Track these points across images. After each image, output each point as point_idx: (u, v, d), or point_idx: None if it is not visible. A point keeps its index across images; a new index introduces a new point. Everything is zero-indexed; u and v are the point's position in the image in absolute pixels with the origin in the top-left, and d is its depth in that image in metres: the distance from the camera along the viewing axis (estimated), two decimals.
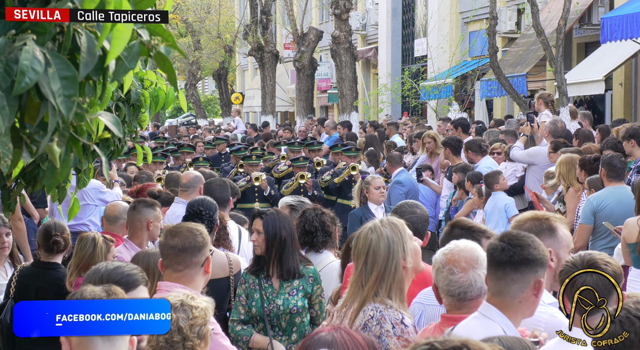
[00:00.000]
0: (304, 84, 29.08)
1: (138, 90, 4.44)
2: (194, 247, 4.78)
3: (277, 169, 14.88)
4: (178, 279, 4.76)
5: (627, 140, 9.90)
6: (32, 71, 2.46)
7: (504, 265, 3.83)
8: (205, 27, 38.31)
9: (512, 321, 3.85)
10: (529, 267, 3.81)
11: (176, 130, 33.12)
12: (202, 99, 49.71)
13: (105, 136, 3.11)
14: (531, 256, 3.81)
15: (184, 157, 16.51)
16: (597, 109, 22.70)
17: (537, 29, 18.30)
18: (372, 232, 4.47)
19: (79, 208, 4.09)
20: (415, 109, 30.68)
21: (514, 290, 3.83)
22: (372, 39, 37.06)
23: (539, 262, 3.82)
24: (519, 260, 3.80)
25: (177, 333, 3.83)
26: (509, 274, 3.82)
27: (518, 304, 3.84)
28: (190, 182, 8.87)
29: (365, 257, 4.44)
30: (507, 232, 4.03)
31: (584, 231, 8.74)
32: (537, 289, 3.83)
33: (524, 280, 3.82)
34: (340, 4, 25.48)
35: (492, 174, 10.95)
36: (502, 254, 3.83)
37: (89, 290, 3.23)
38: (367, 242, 4.46)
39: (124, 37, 2.62)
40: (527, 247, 3.82)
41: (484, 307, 3.93)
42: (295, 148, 16.16)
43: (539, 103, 14.05)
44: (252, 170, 13.72)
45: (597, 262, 3.82)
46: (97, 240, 6.04)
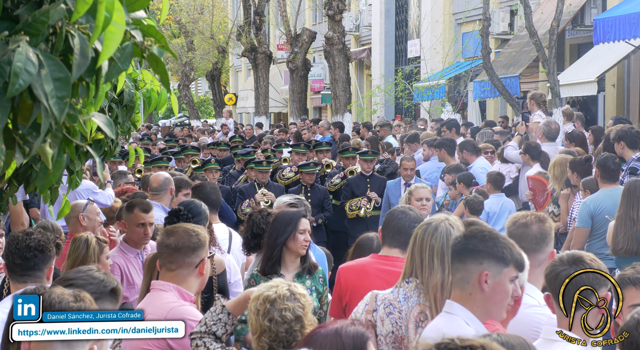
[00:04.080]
0: (297, 85, 29.08)
1: (131, 90, 4.44)
2: (187, 248, 4.79)
3: (283, 175, 13.64)
4: (171, 279, 4.80)
5: (617, 142, 9.92)
6: (26, 73, 2.46)
7: (454, 254, 3.89)
8: (199, 28, 38.27)
9: (474, 314, 3.82)
10: (471, 257, 3.79)
11: (169, 131, 33.07)
12: (196, 100, 49.67)
13: (98, 137, 3.11)
14: (473, 246, 3.79)
15: (188, 160, 15.31)
16: (590, 110, 22.75)
17: (530, 30, 18.33)
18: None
19: (69, 209, 4.09)
20: (408, 110, 30.70)
21: (459, 279, 3.85)
22: (366, 40, 37.08)
23: (484, 254, 3.78)
24: (461, 249, 3.83)
25: (297, 322, 3.87)
26: (454, 263, 3.87)
27: (469, 296, 3.83)
28: (161, 185, 8.85)
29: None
30: (472, 226, 4.05)
31: (581, 235, 8.73)
32: (481, 282, 3.79)
33: (466, 269, 3.81)
34: (333, 5, 25.49)
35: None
36: (455, 243, 3.89)
37: (57, 292, 3.23)
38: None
39: (116, 38, 2.63)
40: (472, 238, 3.82)
41: (447, 304, 3.94)
42: (301, 150, 14.68)
43: (531, 104, 14.08)
44: (262, 177, 12.43)
45: (583, 257, 3.83)
46: (90, 241, 6.05)
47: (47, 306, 3.34)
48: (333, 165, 14.06)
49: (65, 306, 3.35)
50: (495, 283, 3.79)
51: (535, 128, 13.09)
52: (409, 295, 4.48)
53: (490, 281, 3.79)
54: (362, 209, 12.33)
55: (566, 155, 10.01)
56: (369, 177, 12.71)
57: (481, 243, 3.79)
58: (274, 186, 12.59)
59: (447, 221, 4.50)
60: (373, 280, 5.13)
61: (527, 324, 4.28)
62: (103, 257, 6.12)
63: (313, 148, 14.85)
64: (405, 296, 4.49)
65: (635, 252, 7.79)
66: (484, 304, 3.82)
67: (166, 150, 16.47)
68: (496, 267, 3.79)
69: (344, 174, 13.10)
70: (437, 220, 4.51)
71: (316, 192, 12.54)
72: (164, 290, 4.73)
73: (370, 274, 5.26)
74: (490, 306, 3.83)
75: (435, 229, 4.46)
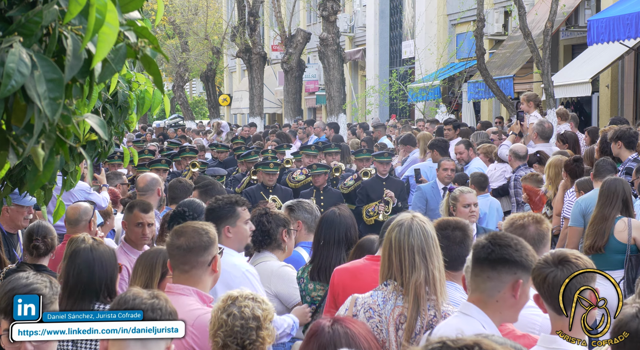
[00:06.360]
0: (292, 85, 29.08)
1: (125, 92, 4.44)
2: (199, 247, 4.73)
3: (293, 178, 13.08)
4: (186, 280, 4.73)
5: (614, 142, 9.92)
6: (19, 74, 2.45)
7: (482, 262, 3.88)
8: (193, 29, 38.22)
9: (492, 319, 3.87)
10: (506, 266, 3.84)
11: (164, 132, 33.02)
12: (190, 101, 49.60)
13: (92, 138, 3.10)
14: (509, 256, 3.85)
15: (186, 162, 14.79)
16: (584, 111, 22.78)
17: (524, 31, 18.35)
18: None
19: (64, 210, 4.08)
20: (403, 110, 30.72)
21: (490, 288, 3.87)
22: (360, 41, 37.10)
23: (519, 264, 3.85)
24: (496, 258, 3.85)
25: (254, 320, 3.89)
26: (486, 271, 3.88)
27: (495, 303, 3.88)
28: (147, 185, 8.84)
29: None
30: (496, 232, 4.08)
31: (575, 234, 8.73)
32: (515, 291, 3.85)
33: (500, 279, 3.86)
34: (328, 6, 25.49)
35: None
36: (482, 250, 3.88)
37: (133, 291, 3.34)
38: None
39: (110, 39, 2.62)
40: (507, 247, 3.86)
41: (464, 305, 3.97)
42: (312, 152, 14.03)
43: (528, 105, 14.07)
44: (269, 179, 12.04)
45: (568, 256, 3.84)
46: (87, 242, 6.03)
47: (122, 303, 3.43)
48: (342, 169, 13.44)
49: (139, 303, 3.40)
50: (523, 290, 3.88)
51: (530, 128, 13.10)
52: (387, 298, 4.49)
53: (520, 289, 3.86)
54: (380, 214, 11.78)
55: (561, 157, 10.01)
56: (385, 179, 12.20)
57: (516, 253, 3.85)
58: (280, 189, 12.17)
59: (416, 219, 4.52)
60: (367, 281, 5.12)
61: (524, 325, 4.31)
62: None
63: (321, 150, 14.28)
64: (384, 299, 4.50)
65: (599, 248, 7.81)
66: (507, 310, 3.90)
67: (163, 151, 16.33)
68: (526, 275, 3.87)
69: (357, 175, 12.59)
70: (406, 219, 4.52)
71: (330, 195, 12.04)
72: (184, 294, 4.64)
73: (364, 275, 5.25)
74: (513, 312, 3.92)
75: (409, 228, 4.47)
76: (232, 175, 14.47)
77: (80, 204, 7.59)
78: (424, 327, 4.34)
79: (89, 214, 7.45)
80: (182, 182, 9.28)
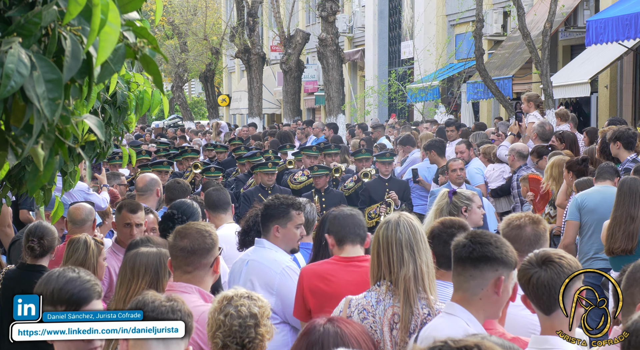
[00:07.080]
0: (291, 86, 29.08)
1: (124, 92, 4.44)
2: (203, 249, 4.76)
3: (295, 179, 12.99)
4: (188, 281, 4.76)
5: (613, 143, 9.91)
6: (18, 74, 2.45)
7: (464, 261, 3.90)
8: (192, 29, 38.20)
9: (476, 317, 3.89)
10: (488, 264, 3.86)
11: (161, 132, 33.00)
12: (189, 101, 49.59)
13: (91, 139, 3.10)
14: (491, 254, 3.86)
15: (188, 162, 14.77)
16: (583, 112, 22.78)
17: (523, 31, 18.35)
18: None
19: (63, 211, 4.08)
20: (402, 111, 30.73)
21: (473, 286, 3.89)
22: (359, 42, 37.09)
23: (500, 261, 3.87)
24: (477, 256, 3.87)
25: (251, 318, 3.91)
26: (468, 269, 3.90)
27: (479, 300, 3.90)
28: (146, 186, 8.84)
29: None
30: (474, 230, 4.10)
31: (571, 227, 8.74)
32: (497, 287, 3.87)
33: (482, 277, 3.88)
34: (327, 7, 25.50)
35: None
36: (463, 250, 3.90)
37: (150, 294, 3.35)
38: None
39: (112, 39, 2.62)
40: (488, 245, 3.88)
41: (448, 305, 4.00)
42: (313, 153, 13.86)
43: (528, 105, 14.06)
44: (267, 179, 11.96)
45: (551, 256, 3.85)
46: (88, 243, 6.02)
47: (141, 305, 3.41)
48: (342, 170, 13.23)
49: (158, 305, 3.41)
50: (505, 286, 3.89)
51: (529, 128, 13.10)
52: (381, 299, 4.50)
53: (502, 286, 3.88)
54: (382, 216, 11.50)
55: (564, 156, 10.00)
56: (388, 180, 12.02)
57: (496, 250, 3.87)
58: (279, 190, 11.84)
59: (403, 216, 4.55)
60: (336, 282, 5.17)
61: (523, 326, 4.32)
62: (101, 259, 6.11)
63: (321, 151, 14.09)
64: (377, 300, 4.51)
65: (630, 250, 7.78)
66: (490, 307, 3.92)
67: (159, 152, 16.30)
68: (507, 271, 3.89)
69: (357, 176, 12.44)
70: (393, 217, 4.55)
71: (332, 196, 11.86)
72: (187, 292, 4.66)
73: (335, 276, 5.25)
74: (496, 308, 3.94)
75: (397, 225, 4.49)
76: (232, 176, 14.39)
77: (82, 204, 7.57)
78: (419, 326, 4.35)
79: (93, 214, 7.46)
80: (180, 182, 9.28)
